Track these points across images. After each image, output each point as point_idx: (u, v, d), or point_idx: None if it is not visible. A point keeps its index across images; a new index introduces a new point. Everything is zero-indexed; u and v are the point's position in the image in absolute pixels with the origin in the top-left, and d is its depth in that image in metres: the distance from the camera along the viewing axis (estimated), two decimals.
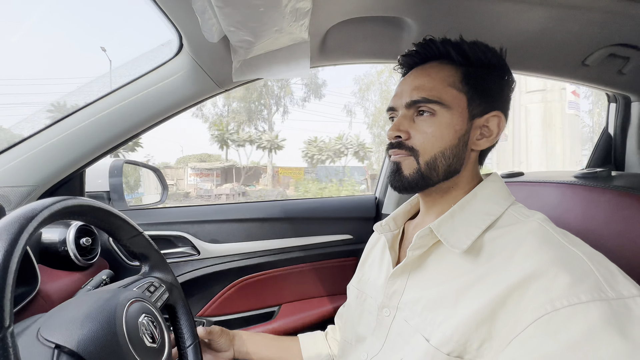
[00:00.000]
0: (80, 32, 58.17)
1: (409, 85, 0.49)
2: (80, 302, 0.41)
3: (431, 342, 0.41)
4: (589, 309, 0.32)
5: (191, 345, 0.56)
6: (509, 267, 0.39)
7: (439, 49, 0.49)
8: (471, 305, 0.39)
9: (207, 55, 0.70)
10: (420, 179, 0.48)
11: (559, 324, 0.33)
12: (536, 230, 0.41)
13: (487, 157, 0.54)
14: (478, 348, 0.38)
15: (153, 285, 0.52)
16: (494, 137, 0.49)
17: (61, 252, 0.69)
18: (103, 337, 0.36)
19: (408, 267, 0.49)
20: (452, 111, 0.47)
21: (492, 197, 0.47)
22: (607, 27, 0.66)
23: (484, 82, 0.48)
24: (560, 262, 0.36)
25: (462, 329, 0.38)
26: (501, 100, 0.49)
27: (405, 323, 0.46)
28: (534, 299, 0.35)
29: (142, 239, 0.52)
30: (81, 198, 0.40)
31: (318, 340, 0.70)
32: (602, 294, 0.33)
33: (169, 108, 0.78)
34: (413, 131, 0.48)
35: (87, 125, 0.74)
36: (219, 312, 1.02)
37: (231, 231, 1.02)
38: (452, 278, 0.43)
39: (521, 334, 0.34)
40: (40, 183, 0.73)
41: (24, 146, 0.71)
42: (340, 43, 0.75)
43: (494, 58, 0.48)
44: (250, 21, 0.54)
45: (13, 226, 0.29)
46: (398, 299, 0.48)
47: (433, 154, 0.47)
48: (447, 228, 0.45)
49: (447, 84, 0.47)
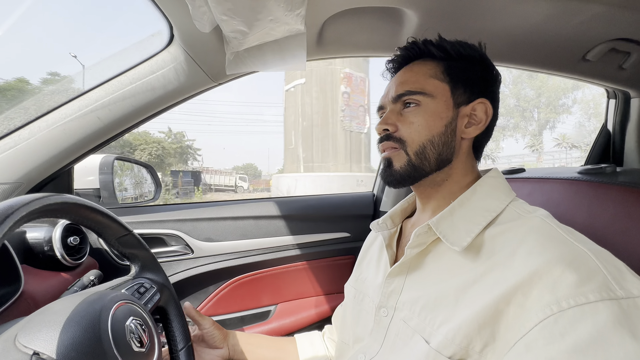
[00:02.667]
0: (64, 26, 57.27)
1: (394, 83, 0.52)
2: (63, 305, 0.38)
3: (431, 344, 0.39)
4: (597, 309, 0.31)
5: (184, 348, 0.54)
6: (512, 266, 0.37)
7: (421, 48, 0.51)
8: (472, 305, 0.38)
9: (199, 47, 0.68)
10: (412, 170, 0.48)
11: (565, 325, 0.31)
12: (539, 226, 0.40)
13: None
14: (480, 351, 0.36)
15: (143, 287, 0.50)
16: (482, 124, 0.49)
17: (47, 251, 0.67)
18: (86, 343, 0.34)
19: (406, 266, 0.48)
20: (437, 100, 0.48)
21: (492, 192, 0.46)
22: (608, 21, 0.65)
23: (465, 73, 0.49)
24: (566, 260, 0.34)
25: (464, 331, 0.37)
26: (486, 89, 0.50)
27: (403, 324, 0.45)
28: (538, 299, 0.34)
29: (131, 238, 0.50)
30: (64, 195, 0.38)
31: (315, 341, 0.69)
32: (611, 293, 0.31)
33: (160, 101, 0.75)
34: (400, 123, 0.49)
35: (74, 119, 0.71)
36: (214, 312, 1.00)
37: (226, 229, 1.00)
38: (451, 277, 0.42)
39: (526, 336, 0.33)
40: (25, 180, 0.70)
41: (8, 141, 0.68)
42: (338, 35, 0.73)
43: (474, 52, 0.50)
44: (244, 9, 0.52)
45: None
46: (396, 298, 0.47)
47: (421, 143, 0.47)
48: (446, 225, 0.44)
49: (429, 76, 0.49)
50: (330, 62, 8.39)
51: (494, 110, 0.50)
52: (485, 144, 0.53)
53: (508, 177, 0.76)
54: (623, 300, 0.31)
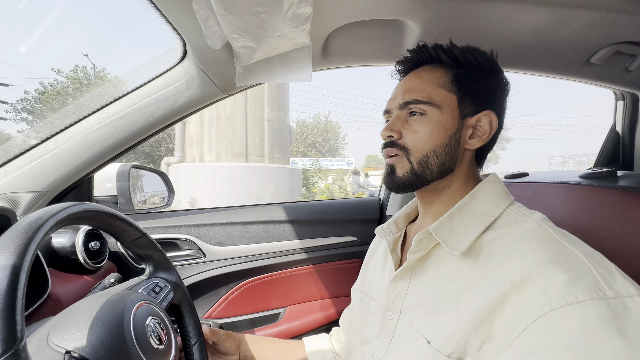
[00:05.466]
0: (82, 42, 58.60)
1: (402, 88, 0.51)
2: (87, 306, 0.41)
3: (432, 344, 0.41)
4: (586, 308, 0.32)
5: (196, 343, 0.57)
6: (508, 268, 0.39)
7: (430, 53, 0.51)
8: (472, 307, 0.39)
9: (211, 62, 0.71)
10: (414, 178, 0.49)
11: (557, 324, 0.32)
12: (534, 229, 0.41)
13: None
14: (478, 350, 0.38)
15: (158, 286, 0.53)
16: (487, 136, 0.49)
17: (71, 256, 0.71)
18: (112, 342, 0.37)
19: (409, 271, 0.49)
20: (443, 110, 0.48)
21: (490, 197, 0.47)
22: (612, 25, 0.65)
23: (474, 83, 0.49)
24: (557, 261, 0.36)
25: (462, 330, 0.38)
26: (494, 100, 0.50)
27: (409, 326, 0.46)
28: (532, 300, 0.35)
29: (145, 240, 0.53)
30: (85, 203, 0.41)
31: (323, 344, 0.71)
32: (600, 293, 0.32)
33: (174, 113, 0.79)
34: (405, 131, 0.49)
35: (94, 131, 0.75)
36: (225, 314, 1.03)
37: (236, 234, 1.03)
38: (452, 280, 0.43)
39: (520, 335, 0.34)
40: (49, 188, 0.75)
41: (34, 153, 0.73)
42: (342, 46, 0.75)
43: (485, 60, 0.49)
44: (252, 28, 0.55)
45: (21, 237, 0.29)
46: (401, 302, 0.49)
47: (425, 152, 0.48)
48: (445, 230, 0.46)
49: (438, 85, 0.49)
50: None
51: (499, 121, 0.50)
52: (488, 153, 0.53)
53: (511, 182, 0.77)
54: (612, 300, 0.32)
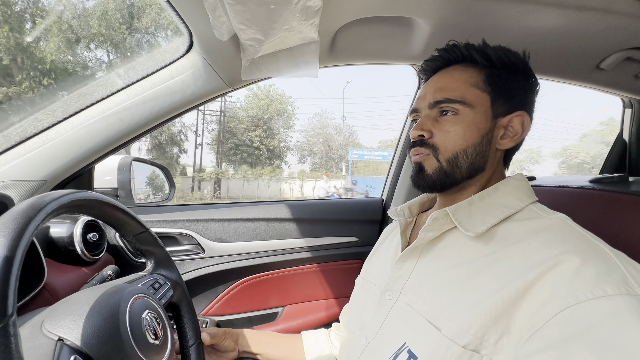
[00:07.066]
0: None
1: (432, 87, 0.50)
2: (84, 296, 0.41)
3: (443, 331, 0.39)
4: (616, 302, 0.30)
5: (194, 344, 0.56)
6: (528, 257, 0.37)
7: (462, 52, 0.50)
8: (479, 291, 0.38)
9: (217, 54, 0.71)
10: (444, 177, 0.48)
11: (583, 317, 0.31)
12: (558, 224, 0.40)
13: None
14: (496, 343, 0.36)
15: (158, 283, 0.52)
16: (518, 136, 0.49)
17: (68, 246, 0.70)
18: (106, 332, 0.36)
19: (418, 251, 0.48)
20: (476, 110, 0.47)
21: (513, 192, 0.47)
22: (623, 30, 0.64)
23: (507, 83, 0.48)
24: (585, 254, 0.35)
25: (480, 321, 0.37)
26: (525, 101, 0.49)
27: (407, 306, 0.45)
28: (555, 292, 0.34)
29: (148, 235, 0.52)
30: (90, 192, 0.40)
31: (321, 338, 0.70)
32: (630, 289, 0.31)
33: (178, 106, 0.78)
34: (435, 130, 0.48)
35: (97, 121, 0.74)
36: (223, 311, 1.02)
37: (237, 230, 1.02)
38: (460, 263, 0.43)
39: (542, 327, 0.33)
40: (49, 178, 0.74)
41: (35, 141, 0.72)
42: (350, 43, 0.74)
43: (518, 61, 0.49)
44: (261, 18, 0.54)
45: (21, 216, 0.29)
46: (403, 283, 0.48)
47: (454, 152, 0.47)
48: (463, 214, 0.45)
49: (470, 85, 0.48)
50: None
51: (531, 123, 0.49)
52: (514, 153, 0.52)
53: None
54: None
